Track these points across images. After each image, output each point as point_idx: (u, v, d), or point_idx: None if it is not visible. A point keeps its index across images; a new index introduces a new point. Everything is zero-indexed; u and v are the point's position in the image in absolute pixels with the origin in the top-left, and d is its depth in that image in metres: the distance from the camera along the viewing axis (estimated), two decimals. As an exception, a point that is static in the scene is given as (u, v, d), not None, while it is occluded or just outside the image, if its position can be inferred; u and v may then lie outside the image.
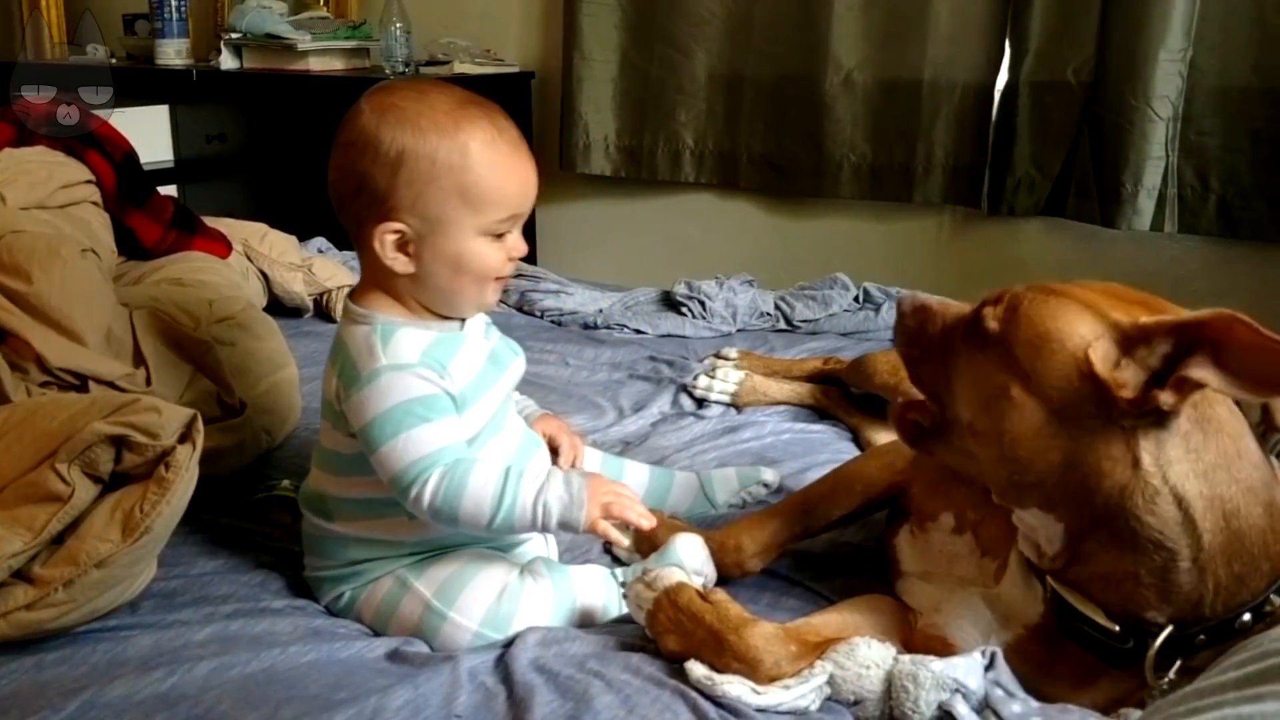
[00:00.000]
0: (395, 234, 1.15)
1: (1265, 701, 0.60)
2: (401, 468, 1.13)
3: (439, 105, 1.15)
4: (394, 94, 1.16)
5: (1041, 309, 1.00)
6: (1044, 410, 0.97)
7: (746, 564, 1.30)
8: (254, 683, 1.07)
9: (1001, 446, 1.00)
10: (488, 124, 1.16)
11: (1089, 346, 0.96)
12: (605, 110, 3.51)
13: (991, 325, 1.02)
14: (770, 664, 1.05)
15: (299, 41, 3.59)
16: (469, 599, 1.19)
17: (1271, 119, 2.63)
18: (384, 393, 1.14)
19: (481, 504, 1.12)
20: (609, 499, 1.14)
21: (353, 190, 1.16)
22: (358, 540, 1.23)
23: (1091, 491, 0.96)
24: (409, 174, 1.13)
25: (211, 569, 1.33)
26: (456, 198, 1.14)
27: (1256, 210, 2.70)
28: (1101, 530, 0.97)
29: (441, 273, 1.17)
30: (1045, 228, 3.04)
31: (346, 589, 1.25)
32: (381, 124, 1.14)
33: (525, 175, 1.19)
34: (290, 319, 2.28)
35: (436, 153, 1.13)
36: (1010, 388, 0.99)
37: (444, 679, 1.07)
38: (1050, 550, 1.02)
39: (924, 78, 3.02)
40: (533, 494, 1.13)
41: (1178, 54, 2.66)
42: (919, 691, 1.01)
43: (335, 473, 1.25)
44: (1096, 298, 1.00)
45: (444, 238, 1.16)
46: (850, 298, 2.41)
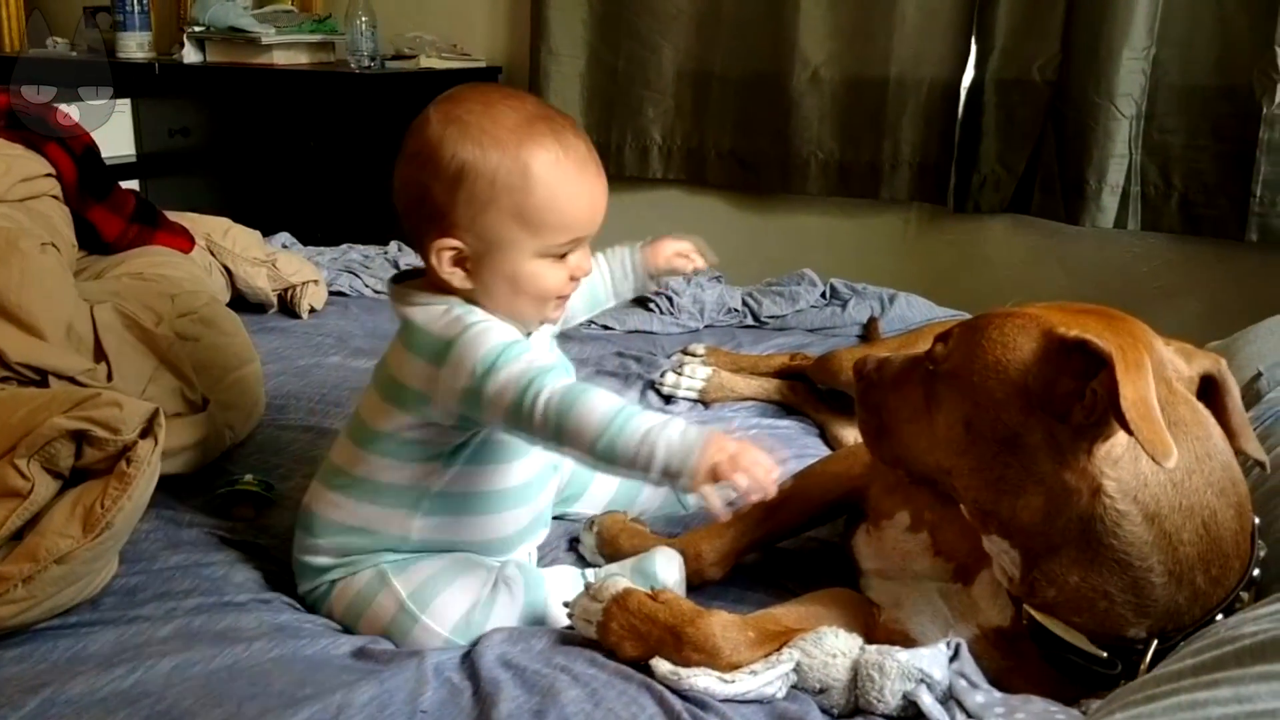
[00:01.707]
0: (452, 250, 1.13)
1: (1220, 688, 0.60)
2: (520, 385, 1.07)
3: (504, 120, 1.11)
4: (461, 104, 1.13)
5: (990, 337, 1.01)
6: (1009, 426, 0.98)
7: (706, 572, 1.30)
8: (217, 679, 1.06)
9: (970, 470, 1.02)
10: (553, 142, 1.11)
11: (1030, 369, 0.97)
12: (573, 106, 3.50)
13: (945, 366, 1.04)
14: (729, 651, 1.06)
15: (263, 35, 3.56)
16: (443, 605, 1.18)
17: (1232, 117, 2.66)
18: (482, 336, 1.11)
19: (591, 420, 1.03)
20: (720, 459, 1.01)
21: (414, 201, 1.14)
22: (356, 528, 1.22)
23: (1052, 517, 0.97)
24: (468, 193, 1.10)
25: (174, 564, 1.32)
26: (515, 220, 1.10)
27: (1218, 207, 2.73)
28: (1064, 553, 0.98)
29: (499, 290, 1.14)
30: (1011, 225, 3.06)
31: (326, 580, 1.24)
32: (445, 136, 1.10)
33: (591, 197, 1.15)
34: (254, 315, 2.27)
35: (496, 172, 1.09)
36: (972, 411, 1.01)
37: (409, 675, 1.06)
38: (1015, 575, 1.03)
39: (890, 75, 3.04)
40: (644, 427, 1.03)
41: (1141, 52, 2.69)
42: (885, 681, 1.02)
43: (367, 447, 1.21)
44: (1043, 314, 1.01)
45: (501, 258, 1.12)
46: (817, 294, 2.42)
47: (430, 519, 1.21)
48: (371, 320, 2.34)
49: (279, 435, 1.70)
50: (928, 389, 1.07)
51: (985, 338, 1.01)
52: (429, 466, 1.19)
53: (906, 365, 1.13)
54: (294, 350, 2.10)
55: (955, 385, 1.03)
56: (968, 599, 1.11)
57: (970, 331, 1.04)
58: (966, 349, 1.02)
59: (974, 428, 1.00)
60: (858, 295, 2.39)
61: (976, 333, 1.02)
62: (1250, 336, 1.65)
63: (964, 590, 1.12)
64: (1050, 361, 0.96)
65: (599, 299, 1.43)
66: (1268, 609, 0.71)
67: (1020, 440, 0.98)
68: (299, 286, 2.33)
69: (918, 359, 1.11)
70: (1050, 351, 0.96)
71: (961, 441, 1.02)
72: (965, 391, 1.01)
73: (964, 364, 1.02)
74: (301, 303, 2.32)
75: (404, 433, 1.18)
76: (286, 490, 1.51)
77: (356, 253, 2.74)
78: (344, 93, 3.46)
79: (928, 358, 1.07)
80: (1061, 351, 0.96)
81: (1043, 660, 1.02)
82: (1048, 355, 0.96)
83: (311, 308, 2.34)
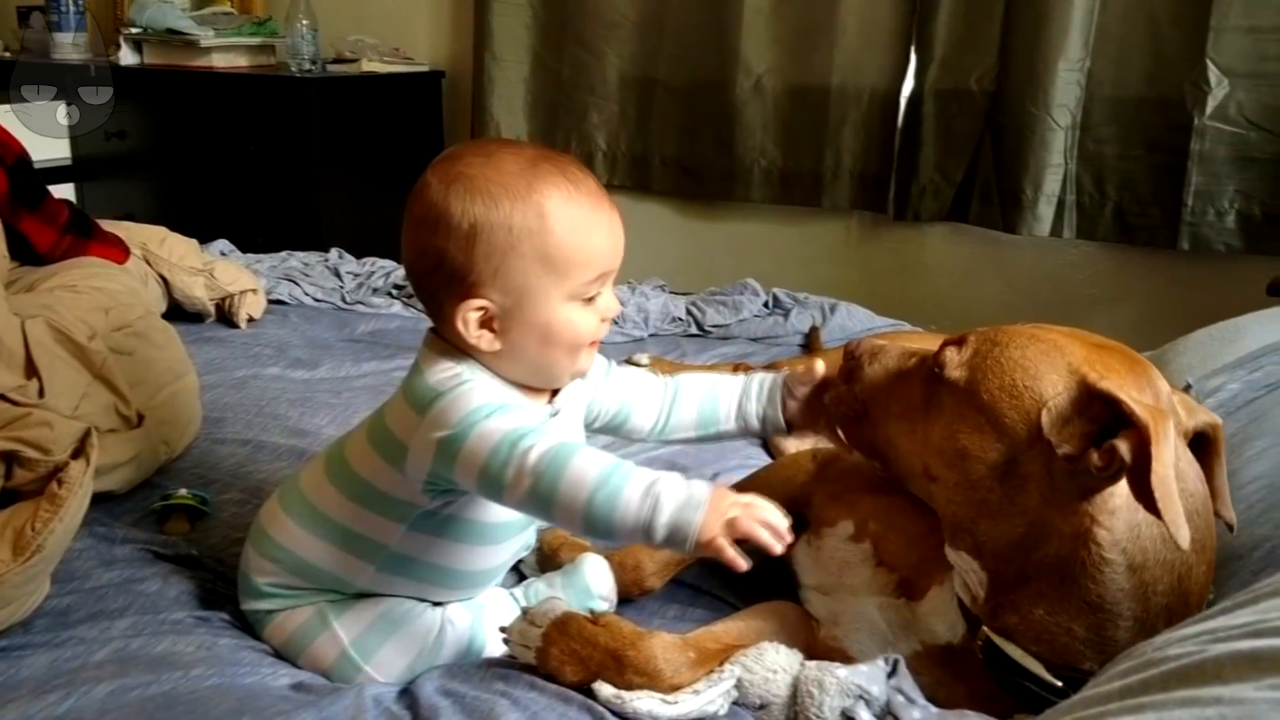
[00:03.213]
0: (479, 310, 1.07)
1: (1145, 712, 0.61)
2: (493, 445, 1.01)
3: (507, 167, 1.06)
4: (459, 160, 1.08)
5: (1010, 357, 0.99)
6: (1006, 454, 0.97)
7: (646, 582, 1.30)
8: (154, 705, 1.04)
9: (956, 483, 1.01)
10: (562, 179, 1.07)
11: (1047, 402, 0.95)
12: (517, 111, 3.49)
13: (955, 374, 1.01)
14: (670, 673, 1.06)
15: (202, 37, 3.51)
16: (387, 656, 1.16)
17: (1165, 128, 2.72)
18: (476, 393, 1.06)
19: (584, 479, 0.97)
20: (735, 513, 0.96)
21: (429, 269, 1.08)
22: (308, 563, 1.17)
23: (1029, 549, 0.96)
24: (486, 246, 1.05)
25: (107, 582, 1.29)
26: (539, 264, 1.05)
27: (1151, 216, 2.79)
28: (1034, 585, 0.97)
29: (530, 346, 1.09)
30: (949, 233, 3.10)
31: (264, 607, 1.21)
32: (450, 195, 1.05)
33: (610, 229, 1.10)
34: (191, 324, 2.24)
35: (512, 219, 1.04)
36: (973, 430, 0.99)
37: (348, 704, 1.06)
38: (978, 594, 1.03)
39: (832, 84, 3.06)
40: (645, 483, 0.97)
41: (1076, 64, 2.74)
42: (824, 697, 1.02)
43: (341, 488, 1.16)
44: (1067, 344, 0.99)
45: (531, 309, 1.07)
46: (760, 303, 2.44)
47: (383, 574, 1.17)
48: (311, 329, 2.32)
49: (216, 449, 1.68)
50: (929, 391, 1.04)
51: (1005, 356, 0.99)
52: (391, 525, 1.14)
53: (907, 360, 1.11)
54: (232, 361, 2.08)
55: (962, 397, 1.00)
56: (910, 614, 1.12)
57: (988, 345, 1.01)
58: (982, 363, 1.00)
59: (971, 443, 0.99)
60: (800, 305, 2.41)
61: (995, 348, 1.00)
62: (1181, 348, 1.69)
63: (908, 605, 1.12)
64: (1071, 402, 0.94)
65: (713, 416, 1.28)
66: (1193, 629, 0.72)
67: (1015, 468, 0.97)
68: (237, 295, 2.30)
69: (924, 357, 1.08)
70: (1075, 395, 0.95)
71: (955, 454, 1.00)
72: (972, 405, 0.99)
73: (977, 378, 1.00)
74: (240, 312, 2.29)
75: (378, 481, 1.13)
76: (223, 504, 1.49)
77: (296, 260, 2.71)
78: (284, 96, 3.42)
79: (935, 360, 1.04)
80: (1086, 396, 0.94)
81: (988, 679, 1.03)
82: (1070, 396, 0.95)
83: (250, 317, 2.31)
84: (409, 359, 2.06)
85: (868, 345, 1.14)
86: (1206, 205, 2.70)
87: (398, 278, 2.60)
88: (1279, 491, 1.12)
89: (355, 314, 2.44)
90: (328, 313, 2.44)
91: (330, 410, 1.83)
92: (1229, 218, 2.70)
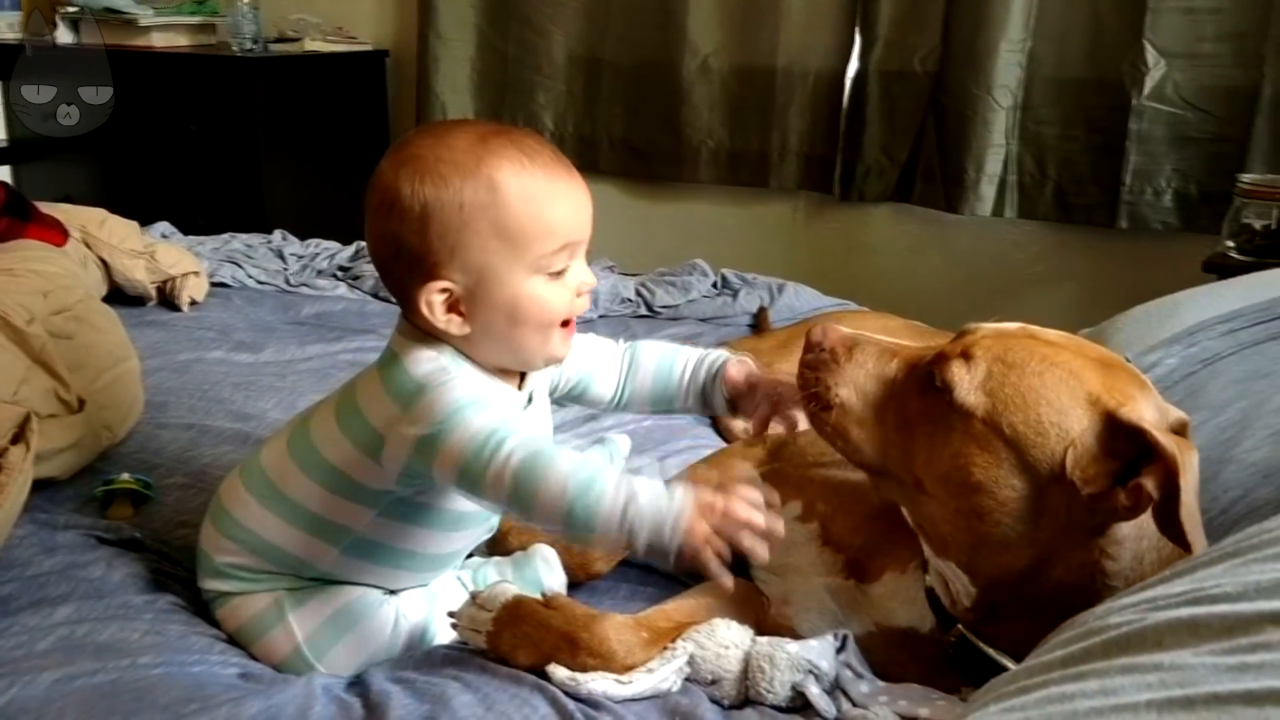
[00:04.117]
0: (443, 293, 1.05)
1: (1087, 680, 0.63)
2: (473, 446, 0.99)
3: (457, 144, 1.04)
4: (410, 144, 1.06)
5: (1031, 387, 0.93)
6: (1025, 491, 0.93)
7: (592, 566, 1.30)
8: (100, 694, 1.03)
9: (959, 510, 0.96)
10: (514, 150, 1.05)
11: (1074, 440, 0.91)
12: (463, 91, 3.47)
13: (970, 400, 0.95)
14: (624, 654, 1.06)
15: (140, 16, 3.46)
16: (340, 655, 1.14)
17: (1104, 108, 2.77)
18: (458, 386, 1.04)
19: (565, 483, 0.95)
20: (719, 522, 0.93)
21: (390, 254, 1.06)
22: (270, 543, 1.15)
23: (1030, 577, 0.95)
24: (440, 225, 1.03)
25: (49, 569, 1.27)
26: (496, 239, 1.03)
27: (1090, 196, 2.84)
28: (1027, 605, 0.97)
29: (499, 327, 1.06)
30: (894, 213, 3.13)
31: (219, 589, 1.19)
32: (400, 177, 1.03)
33: (570, 198, 1.07)
34: (132, 308, 2.20)
35: (463, 195, 1.02)
36: (991, 465, 0.93)
37: (297, 692, 1.05)
38: (962, 603, 1.02)
39: (778, 65, 3.08)
40: (623, 498, 0.94)
41: (1018, 45, 2.77)
42: (774, 672, 1.04)
43: (306, 470, 1.13)
44: (1082, 368, 0.94)
45: (495, 287, 1.04)
46: (709, 284, 2.45)
47: (347, 558, 1.15)
48: (255, 312, 2.29)
49: (159, 434, 1.66)
50: (931, 409, 0.97)
51: (1026, 385, 0.93)
52: (359, 509, 1.12)
53: (889, 360, 1.04)
54: (174, 345, 2.05)
55: (979, 429, 0.94)
56: (862, 595, 1.13)
57: (1002, 368, 0.95)
58: (1000, 390, 0.94)
59: (987, 477, 0.93)
60: (748, 285, 2.42)
61: (1011, 372, 0.94)
62: (1119, 324, 1.72)
63: (858, 587, 1.13)
64: (1097, 439, 0.91)
65: (666, 390, 1.26)
66: (1132, 598, 0.74)
67: (1030, 504, 0.93)
68: (179, 278, 2.27)
69: (913, 361, 1.02)
70: (1100, 430, 0.91)
71: (963, 485, 0.95)
72: (991, 439, 0.93)
73: (998, 409, 0.93)
74: (182, 295, 2.26)
75: (350, 470, 1.10)
76: (167, 489, 1.47)
77: (239, 242, 2.68)
78: (225, 76, 3.37)
79: (940, 374, 0.97)
80: (1111, 430, 0.91)
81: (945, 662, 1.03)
82: (1096, 432, 0.91)
83: (192, 300, 2.28)
84: (355, 341, 2.08)
85: (837, 336, 1.06)
86: (1144, 184, 2.75)
87: (342, 259, 2.58)
88: (1215, 465, 1.15)
89: (300, 296, 2.41)
90: (272, 295, 2.41)
91: (276, 394, 1.81)
92: (1166, 196, 2.75)
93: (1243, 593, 0.65)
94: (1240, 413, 1.22)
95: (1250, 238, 2.30)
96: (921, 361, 1.01)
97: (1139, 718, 0.58)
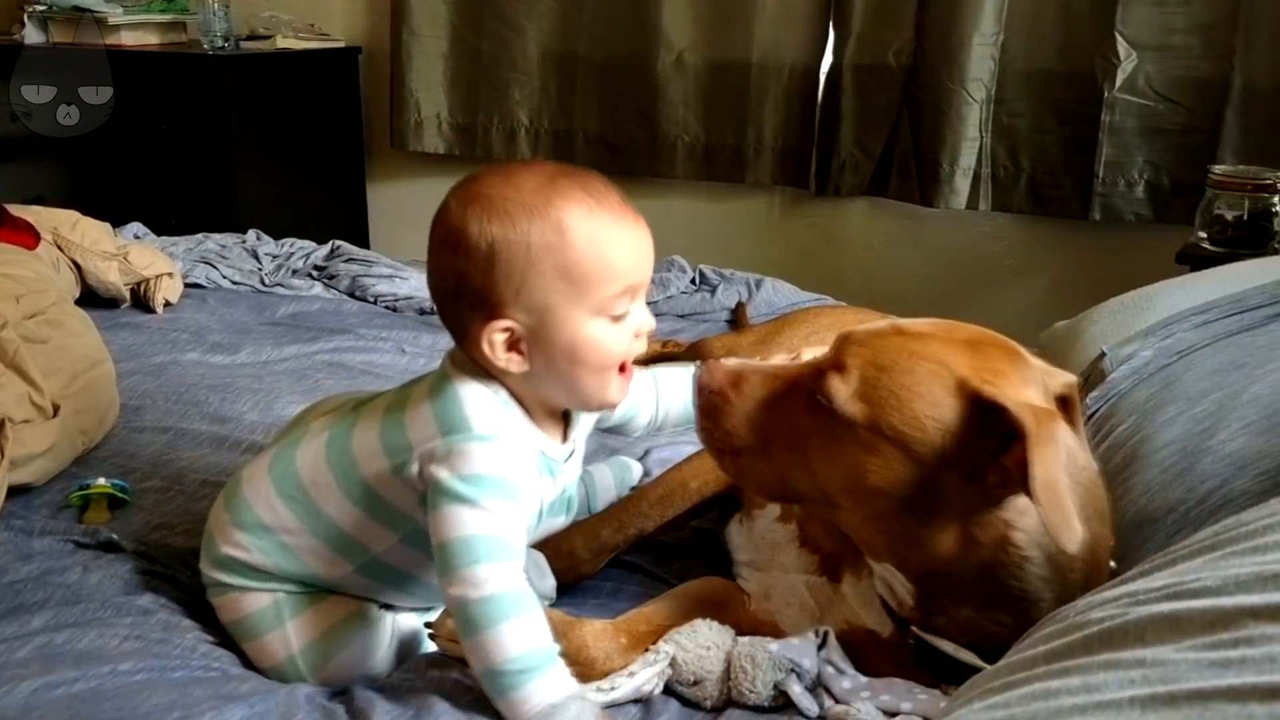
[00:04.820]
0: (504, 332, 1.04)
1: (1071, 676, 0.63)
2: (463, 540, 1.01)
3: (526, 185, 1.04)
4: (479, 181, 1.06)
5: (903, 385, 0.96)
6: (920, 485, 0.96)
7: (581, 569, 1.29)
8: (80, 701, 1.02)
9: (867, 515, 1.00)
10: (582, 193, 1.04)
11: (951, 429, 0.94)
12: (436, 87, 3.46)
13: (850, 410, 0.97)
14: (602, 660, 1.07)
15: (110, 15, 3.43)
16: (336, 668, 1.13)
17: (1076, 101, 2.79)
18: (487, 458, 1.04)
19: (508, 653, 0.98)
20: None
21: (451, 291, 1.06)
22: (284, 544, 1.13)
23: (952, 563, 0.97)
24: (505, 265, 1.02)
25: (25, 575, 1.26)
26: (561, 280, 1.02)
27: (1063, 188, 2.86)
28: (960, 590, 0.99)
29: (559, 366, 1.06)
30: (869, 207, 3.14)
31: (225, 578, 1.16)
32: (468, 216, 1.03)
33: (635, 242, 1.06)
34: (106, 310, 2.18)
35: (530, 235, 1.02)
36: (882, 468, 0.96)
37: (280, 700, 1.04)
38: (906, 602, 1.04)
39: (752, 60, 3.08)
40: (547, 702, 0.98)
41: (990, 38, 2.78)
42: (756, 672, 1.04)
43: (339, 480, 1.12)
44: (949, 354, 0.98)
45: (556, 327, 1.04)
46: (687, 280, 2.44)
47: (359, 577, 1.14)
48: (230, 313, 2.27)
49: (135, 438, 1.65)
50: (818, 424, 1.00)
51: (898, 385, 0.96)
52: (384, 532, 1.12)
53: (774, 384, 1.06)
54: (149, 347, 2.03)
55: (863, 435, 0.97)
56: (834, 594, 1.14)
57: (874, 371, 0.98)
58: (875, 394, 0.97)
59: (881, 480, 0.97)
60: (726, 281, 2.42)
61: (883, 374, 0.97)
62: (1095, 316, 1.73)
63: (829, 585, 1.14)
64: (968, 422, 0.94)
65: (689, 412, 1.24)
66: (1114, 593, 0.74)
67: (927, 495, 0.96)
68: (153, 280, 2.25)
69: (795, 381, 1.04)
70: (970, 413, 0.94)
71: (862, 491, 0.98)
72: (876, 442, 0.96)
73: (876, 414, 0.96)
74: (156, 297, 2.24)
75: (380, 488, 1.10)
76: (144, 493, 1.46)
77: (213, 242, 2.65)
78: (197, 75, 3.35)
79: (819, 390, 1.00)
80: (978, 411, 0.94)
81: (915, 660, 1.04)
82: (967, 416, 0.94)
83: (166, 301, 2.26)
84: (332, 341, 2.07)
85: (721, 374, 1.08)
86: (1117, 176, 2.78)
87: (318, 258, 2.56)
88: (1191, 456, 1.16)
89: (275, 296, 2.40)
90: (247, 296, 2.39)
91: (252, 395, 1.80)
92: (1139, 188, 2.78)
93: (1222, 586, 0.66)
94: (1216, 404, 1.23)
95: (1222, 229, 2.32)
96: (803, 379, 1.03)
97: (1122, 715, 0.58)
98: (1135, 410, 1.33)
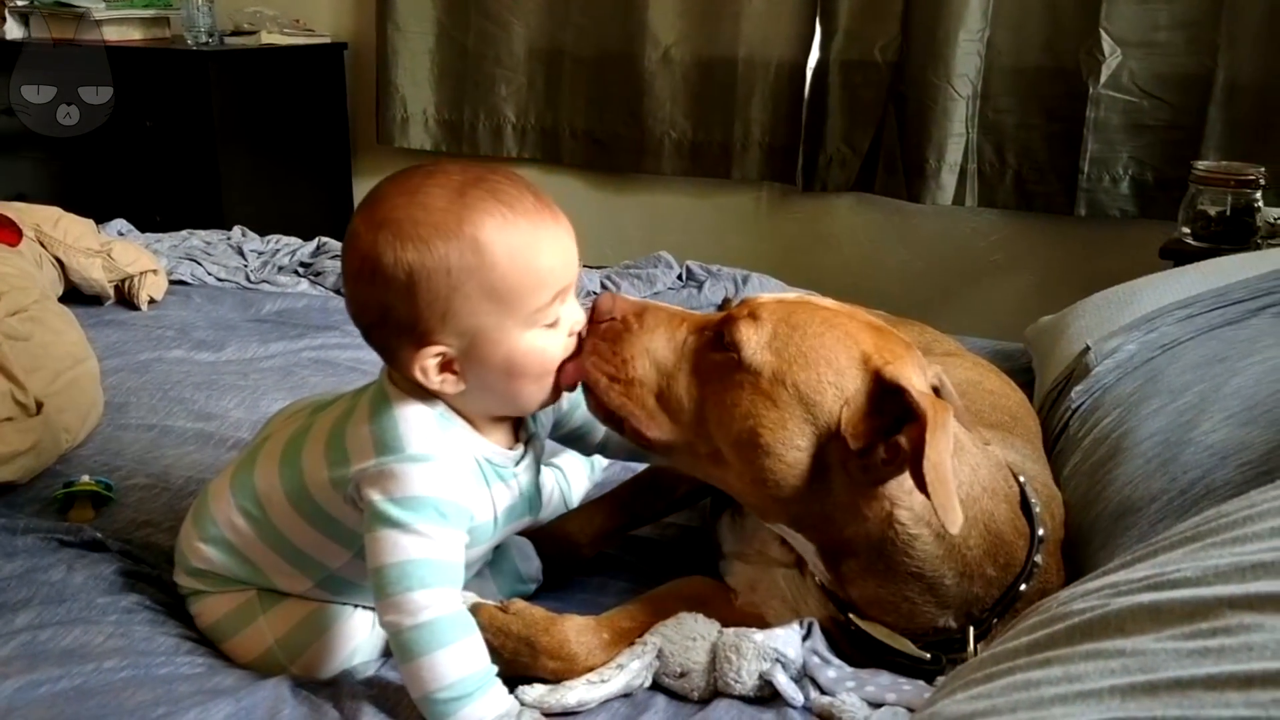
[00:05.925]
0: (436, 358, 1.02)
1: (1052, 666, 0.64)
2: (399, 566, 1.00)
3: (433, 203, 0.99)
4: (383, 203, 1.00)
5: (812, 347, 0.99)
6: (809, 449, 0.98)
7: (579, 552, 1.30)
8: (65, 699, 1.02)
9: (754, 476, 1.00)
10: (494, 203, 0.99)
11: (848, 398, 0.97)
12: (423, 83, 3.45)
13: (757, 359, 0.99)
14: (585, 655, 1.07)
15: (93, 10, 3.41)
16: (314, 657, 1.12)
17: (1062, 97, 2.80)
18: (423, 480, 1.02)
19: (439, 677, 0.98)
20: None
21: (377, 320, 1.02)
22: (245, 558, 1.13)
23: (840, 528, 1.00)
24: (428, 294, 0.98)
25: (8, 574, 1.25)
26: (487, 301, 0.99)
27: (1049, 184, 2.87)
28: (859, 560, 1.01)
29: (496, 382, 1.04)
30: (856, 203, 3.15)
31: (198, 585, 1.17)
32: (380, 243, 0.98)
33: (557, 244, 1.02)
34: (90, 307, 2.17)
35: (448, 260, 0.97)
36: (778, 424, 0.98)
37: (266, 694, 1.04)
38: (817, 565, 1.05)
39: (739, 56, 3.08)
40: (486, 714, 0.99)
41: (976, 34, 2.79)
42: (741, 662, 1.04)
43: (290, 496, 1.10)
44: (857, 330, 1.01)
45: (489, 346, 1.01)
46: (674, 275, 2.44)
47: (320, 590, 1.14)
48: (215, 310, 2.26)
49: (119, 436, 1.64)
50: (719, 370, 1.01)
51: (809, 348, 0.99)
52: (337, 548, 1.10)
53: (685, 329, 1.06)
54: (134, 344, 2.02)
55: (765, 387, 0.99)
56: (803, 584, 1.15)
57: (786, 328, 1.00)
58: (784, 349, 0.99)
59: (773, 438, 0.98)
60: (713, 277, 2.42)
61: (795, 333, 1.00)
62: (1079, 311, 1.74)
63: (801, 578, 1.15)
64: (867, 397, 0.97)
65: None
66: (1096, 584, 0.75)
67: (815, 461, 0.98)
68: (137, 277, 2.24)
69: (701, 325, 1.05)
70: (870, 389, 0.97)
71: (753, 448, 0.99)
72: (776, 397, 0.98)
73: (782, 368, 0.98)
74: (140, 294, 2.23)
75: (329, 506, 1.08)
76: (128, 490, 1.46)
77: (197, 239, 2.64)
78: (181, 71, 3.33)
79: (729, 334, 1.01)
80: (879, 389, 0.97)
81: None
82: (867, 390, 0.97)
83: (151, 298, 2.25)
84: (319, 338, 2.07)
85: (625, 304, 1.07)
86: (1102, 172, 2.79)
87: (303, 255, 2.55)
88: (1173, 447, 1.16)
89: (260, 293, 2.39)
90: (232, 292, 2.39)
91: (238, 392, 1.80)
92: (1123, 184, 2.79)
93: (1202, 577, 0.66)
94: (1198, 396, 1.23)
95: (1206, 224, 2.33)
96: (709, 324, 1.05)
97: (1103, 703, 0.58)
98: (1119, 403, 1.34)
